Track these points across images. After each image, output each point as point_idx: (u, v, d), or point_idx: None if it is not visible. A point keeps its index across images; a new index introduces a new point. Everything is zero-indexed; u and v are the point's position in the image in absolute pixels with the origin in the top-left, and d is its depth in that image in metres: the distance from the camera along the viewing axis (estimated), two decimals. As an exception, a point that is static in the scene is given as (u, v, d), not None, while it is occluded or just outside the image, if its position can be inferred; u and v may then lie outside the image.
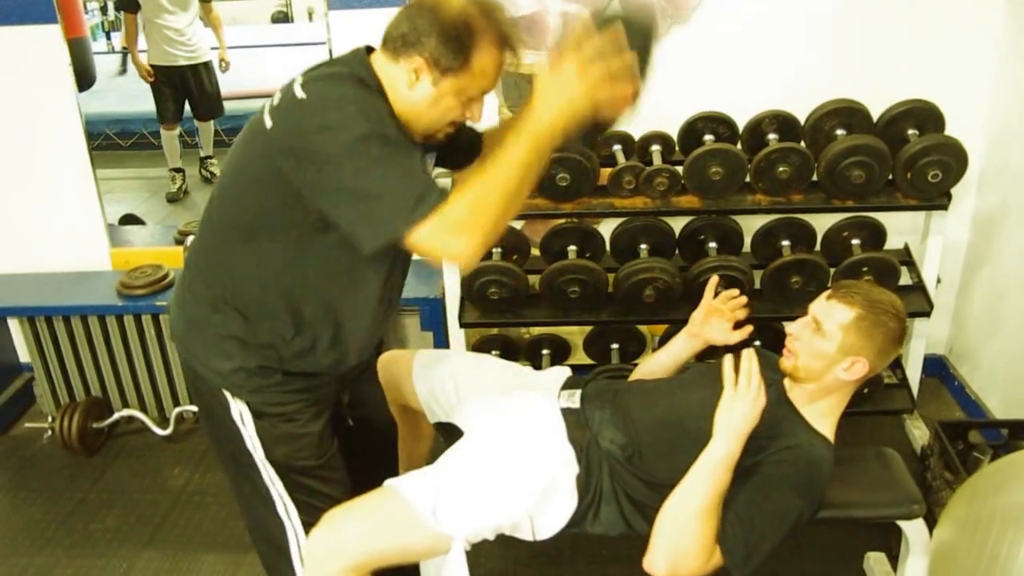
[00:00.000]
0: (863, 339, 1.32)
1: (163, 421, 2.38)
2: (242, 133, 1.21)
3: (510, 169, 1.08)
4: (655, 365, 1.65)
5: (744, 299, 1.60)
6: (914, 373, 2.19)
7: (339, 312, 1.25)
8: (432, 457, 1.40)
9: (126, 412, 2.39)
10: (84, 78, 2.46)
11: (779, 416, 1.36)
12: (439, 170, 1.42)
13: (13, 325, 2.53)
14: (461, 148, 1.38)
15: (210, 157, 3.07)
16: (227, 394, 1.27)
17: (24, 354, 2.51)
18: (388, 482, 1.31)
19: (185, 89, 2.95)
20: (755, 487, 1.27)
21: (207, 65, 2.94)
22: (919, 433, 2.20)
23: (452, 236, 1.06)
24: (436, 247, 1.07)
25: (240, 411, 1.27)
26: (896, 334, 1.34)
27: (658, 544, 1.25)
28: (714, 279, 1.62)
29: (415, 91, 1.15)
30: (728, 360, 1.30)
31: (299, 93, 1.12)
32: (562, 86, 1.09)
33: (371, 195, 1.06)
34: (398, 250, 1.11)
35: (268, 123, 1.14)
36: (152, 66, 2.85)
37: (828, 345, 1.33)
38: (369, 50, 1.20)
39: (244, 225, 1.20)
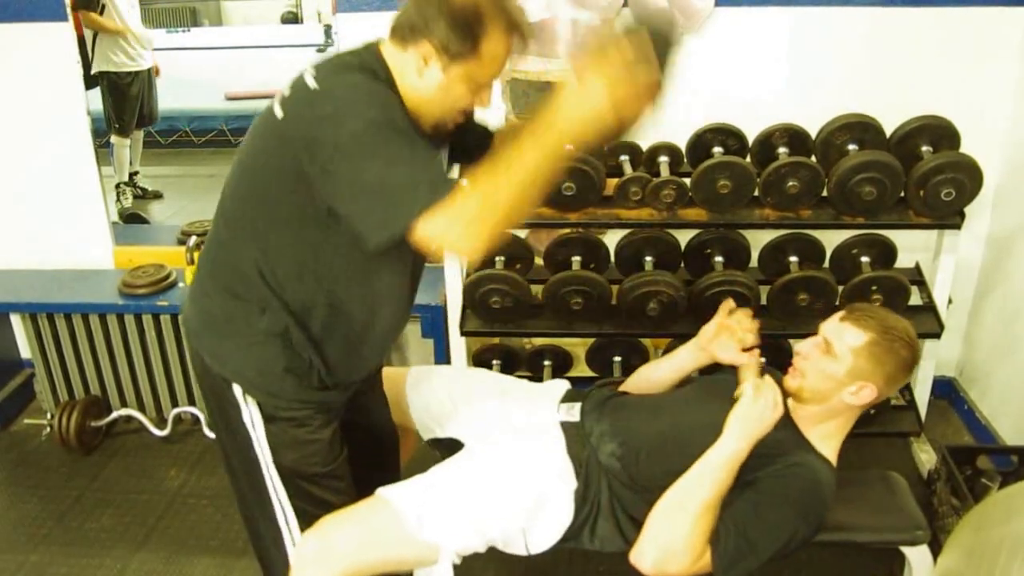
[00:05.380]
0: (873, 364, 1.29)
1: (161, 422, 2.38)
2: (252, 127, 1.20)
3: (526, 171, 1.04)
4: (656, 372, 1.61)
5: (756, 324, 1.55)
6: (922, 395, 2.15)
7: (367, 308, 1.23)
8: (419, 468, 1.38)
9: (124, 411, 2.38)
10: (87, 76, 2.47)
11: (782, 435, 1.33)
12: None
13: (15, 321, 2.53)
14: (472, 146, 1.35)
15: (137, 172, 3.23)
16: (239, 395, 1.25)
17: (25, 350, 2.52)
18: (379, 490, 1.30)
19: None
20: (754, 498, 1.26)
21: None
22: (926, 457, 2.15)
23: (462, 228, 1.02)
24: (445, 239, 1.03)
25: (251, 414, 1.26)
26: (907, 363, 1.31)
27: (648, 536, 1.22)
28: (728, 302, 1.58)
29: (424, 78, 1.13)
30: (754, 366, 1.34)
31: (311, 83, 1.11)
32: (590, 96, 1.02)
33: (379, 186, 1.03)
34: (407, 245, 1.06)
35: (280, 114, 1.13)
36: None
37: (837, 367, 1.31)
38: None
39: (259, 218, 1.18)
